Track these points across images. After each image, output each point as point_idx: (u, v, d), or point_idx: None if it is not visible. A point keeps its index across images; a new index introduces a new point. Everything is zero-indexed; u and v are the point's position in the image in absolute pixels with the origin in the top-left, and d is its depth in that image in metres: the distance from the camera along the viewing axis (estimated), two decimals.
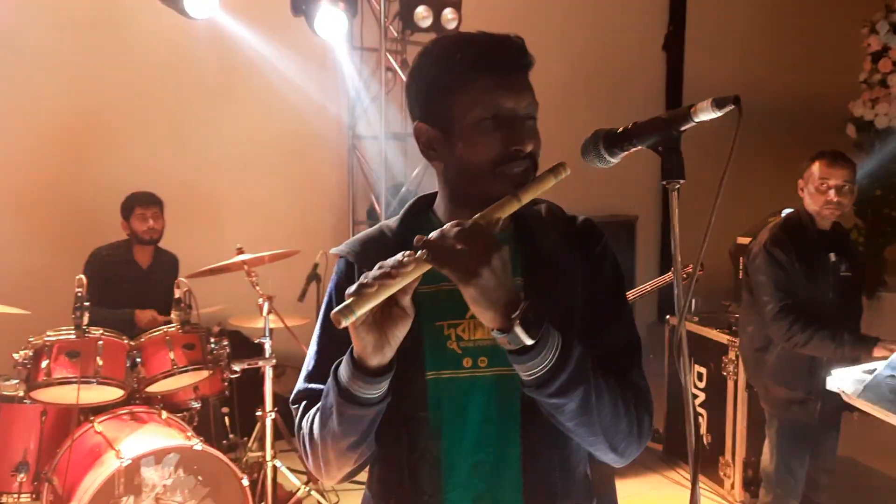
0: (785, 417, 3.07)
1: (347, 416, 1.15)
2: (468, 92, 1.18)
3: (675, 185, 1.09)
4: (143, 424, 3.24)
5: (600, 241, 1.30)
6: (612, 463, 1.25)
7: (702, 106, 1.04)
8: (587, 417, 1.14)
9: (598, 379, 1.15)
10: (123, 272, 4.04)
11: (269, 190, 5.21)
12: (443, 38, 1.26)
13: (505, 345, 1.09)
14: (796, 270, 2.97)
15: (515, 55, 1.20)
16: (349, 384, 1.13)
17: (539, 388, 1.11)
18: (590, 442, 1.20)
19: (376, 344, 1.10)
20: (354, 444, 1.19)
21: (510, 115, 1.19)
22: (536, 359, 1.09)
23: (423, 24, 5.04)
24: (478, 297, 1.06)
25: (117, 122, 4.77)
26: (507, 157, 1.17)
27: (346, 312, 1.02)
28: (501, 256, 1.07)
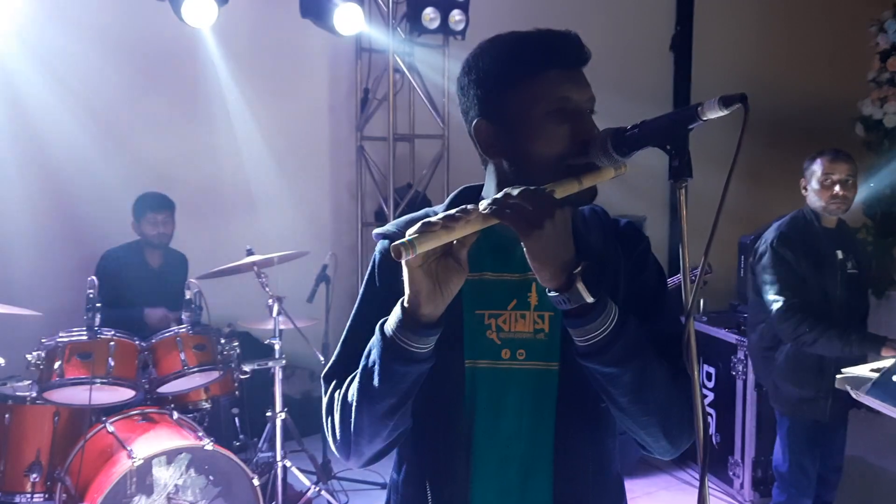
0: (796, 416, 3.07)
1: (391, 373, 1.14)
2: (535, 86, 1.19)
3: (683, 184, 1.09)
4: (154, 425, 3.27)
5: (642, 242, 1.33)
6: (662, 454, 1.24)
7: (709, 104, 1.05)
8: (642, 393, 1.15)
9: (653, 355, 1.15)
10: (134, 273, 4.07)
11: (278, 191, 5.22)
12: (501, 36, 1.25)
13: (563, 305, 1.09)
14: (803, 269, 2.97)
15: (578, 49, 1.22)
16: (397, 336, 1.12)
17: (596, 355, 1.11)
18: (643, 424, 1.19)
19: (431, 292, 1.09)
20: (392, 408, 1.17)
21: (576, 107, 1.20)
22: (596, 321, 1.09)
23: (431, 26, 5.06)
24: (538, 250, 1.07)
25: (128, 124, 4.80)
26: (574, 150, 1.18)
27: (408, 246, 1.02)
28: (564, 215, 1.08)
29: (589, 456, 1.26)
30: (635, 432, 1.22)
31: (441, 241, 1.05)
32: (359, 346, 1.21)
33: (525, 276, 1.26)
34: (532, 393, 1.25)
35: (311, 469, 3.98)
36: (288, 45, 5.08)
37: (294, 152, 5.26)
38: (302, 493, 3.82)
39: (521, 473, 1.25)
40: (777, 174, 4.96)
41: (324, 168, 5.49)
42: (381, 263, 1.31)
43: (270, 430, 3.74)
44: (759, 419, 3.86)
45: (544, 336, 1.25)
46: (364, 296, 1.33)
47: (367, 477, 4.07)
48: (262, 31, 5.03)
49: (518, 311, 1.25)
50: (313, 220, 5.37)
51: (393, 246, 1.03)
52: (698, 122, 1.08)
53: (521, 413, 1.25)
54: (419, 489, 1.27)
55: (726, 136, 1.01)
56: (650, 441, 1.22)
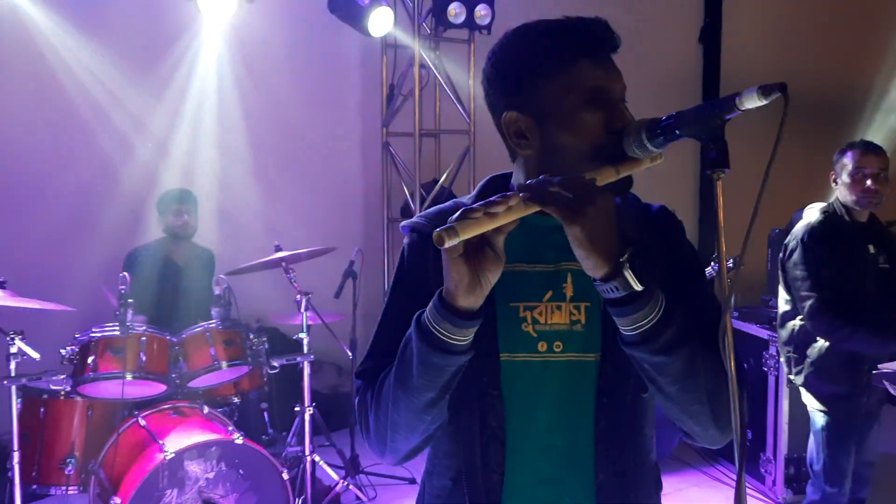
0: (830, 413, 3.02)
1: (429, 366, 1.12)
2: (567, 76, 1.17)
3: (719, 175, 1.07)
4: (185, 419, 3.31)
5: (677, 227, 1.31)
6: (710, 442, 1.23)
7: (747, 94, 1.02)
8: (693, 380, 1.13)
9: (699, 342, 1.13)
10: (161, 270, 4.11)
11: (305, 188, 5.26)
12: (528, 26, 1.23)
13: (609, 293, 1.07)
14: (835, 264, 2.92)
15: (609, 36, 1.20)
16: (435, 327, 1.10)
17: (645, 344, 1.09)
18: (692, 412, 1.17)
19: (470, 282, 1.08)
20: (431, 402, 1.16)
21: (609, 96, 1.18)
22: (644, 309, 1.07)
23: (456, 21, 5.04)
24: (582, 237, 1.05)
25: (158, 123, 4.85)
26: (608, 140, 1.16)
27: (451, 233, 1.01)
28: (607, 201, 1.06)
29: (629, 446, 1.25)
30: (683, 421, 1.20)
31: (483, 228, 1.04)
32: (392, 340, 1.20)
33: (559, 266, 1.25)
34: (570, 385, 1.23)
35: (340, 464, 4.00)
36: (314, 41, 5.10)
37: (320, 149, 5.29)
38: (330, 487, 3.84)
39: (560, 465, 1.24)
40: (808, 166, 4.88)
41: (350, 164, 5.51)
42: (410, 256, 1.30)
43: (299, 425, 3.76)
44: (792, 416, 3.81)
45: (581, 327, 1.24)
46: (394, 290, 1.31)
47: (394, 472, 4.09)
48: (289, 28, 5.06)
49: (554, 303, 1.24)
50: (340, 217, 5.40)
51: (436, 232, 1.01)
52: (736, 112, 1.06)
53: (558, 405, 1.24)
54: (455, 482, 1.26)
55: (749, 124, 0.99)
56: (698, 430, 1.20)
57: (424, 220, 1.30)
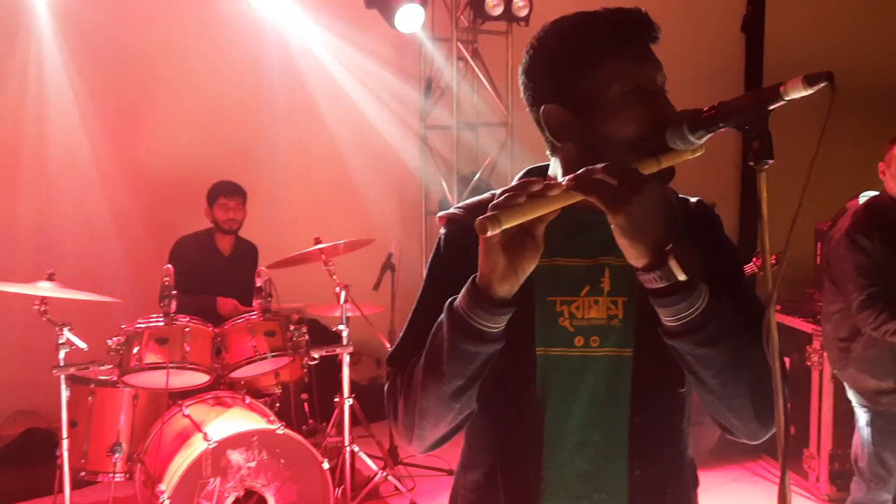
0: (875, 409, 2.96)
1: (460, 352, 1.11)
2: (607, 67, 1.16)
3: (763, 167, 1.05)
4: (228, 408, 3.36)
5: (715, 221, 1.30)
6: (750, 437, 1.21)
7: (792, 83, 1.00)
8: (735, 373, 1.11)
9: (744, 334, 1.12)
10: (207, 260, 4.19)
11: (343, 181, 5.29)
12: (567, 18, 1.22)
13: (653, 283, 1.06)
14: (881, 256, 2.85)
15: (648, 27, 1.19)
16: (468, 313, 1.09)
17: (688, 335, 1.08)
18: (733, 406, 1.15)
19: (506, 269, 1.07)
20: (460, 389, 1.14)
21: (651, 87, 1.17)
22: (689, 299, 1.06)
23: (494, 13, 5.03)
24: (627, 226, 1.03)
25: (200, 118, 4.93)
26: (650, 131, 1.14)
27: (494, 221, 1.00)
28: (653, 190, 1.05)
29: (665, 441, 1.24)
30: (722, 415, 1.18)
31: (525, 216, 1.03)
32: (425, 328, 1.19)
33: (597, 260, 1.24)
34: (607, 380, 1.23)
35: (379, 454, 4.04)
36: (352, 34, 5.13)
37: (359, 141, 5.32)
38: (370, 477, 3.88)
39: (596, 460, 1.24)
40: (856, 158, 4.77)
41: (389, 157, 5.53)
42: (448, 246, 1.30)
43: (338, 416, 3.80)
44: (836, 411, 3.74)
45: (618, 322, 1.22)
46: (429, 278, 1.31)
47: (433, 463, 4.11)
48: (326, 21, 5.09)
49: (591, 297, 1.23)
50: (378, 209, 5.43)
51: (479, 220, 1.01)
52: (780, 101, 1.03)
53: (595, 400, 1.23)
54: (490, 476, 1.26)
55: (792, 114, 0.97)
56: (738, 424, 1.18)
57: (462, 210, 1.30)
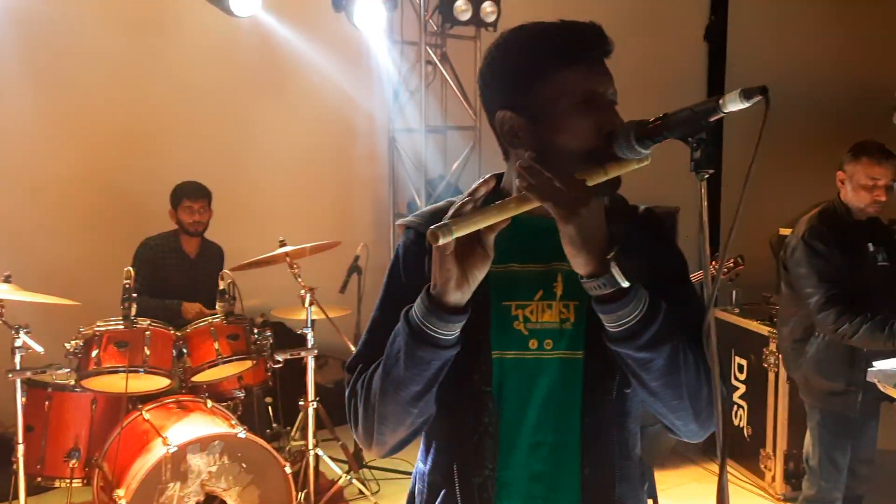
0: (826, 409, 3.04)
1: (416, 359, 1.15)
2: (561, 78, 1.20)
3: (704, 176, 1.09)
4: (189, 413, 3.34)
5: (663, 228, 1.35)
6: (690, 436, 1.25)
7: (730, 97, 1.04)
8: (675, 377, 1.15)
9: (683, 339, 1.16)
10: (172, 262, 4.15)
11: (311, 183, 5.28)
12: (523, 27, 1.26)
13: (596, 290, 1.11)
14: (836, 261, 2.94)
15: (602, 41, 1.23)
16: (423, 322, 1.13)
17: (629, 340, 1.12)
18: (673, 407, 1.19)
19: (458, 278, 1.11)
20: (417, 395, 1.18)
21: (601, 100, 1.21)
22: (629, 306, 1.10)
23: (463, 18, 5.06)
24: (575, 235, 1.08)
25: (165, 117, 4.88)
26: (598, 142, 1.18)
27: (445, 231, 1.04)
28: (599, 201, 1.10)
29: (614, 441, 1.27)
30: (665, 416, 1.23)
31: (478, 225, 1.07)
32: (383, 335, 1.23)
33: (550, 266, 1.27)
34: (559, 382, 1.26)
35: (343, 458, 4.03)
36: (321, 37, 5.12)
37: (327, 144, 5.31)
38: (334, 481, 3.87)
39: (551, 461, 1.27)
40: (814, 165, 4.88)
41: (357, 160, 5.54)
42: (406, 253, 1.33)
43: (303, 419, 3.79)
44: (792, 412, 3.82)
45: (570, 325, 1.26)
46: (388, 285, 1.34)
47: (398, 466, 4.11)
48: (294, 22, 5.07)
49: (545, 302, 1.27)
50: (346, 212, 5.42)
51: (430, 230, 1.04)
52: (719, 114, 1.07)
53: (548, 402, 1.26)
54: (446, 478, 1.29)
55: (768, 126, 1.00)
56: (679, 424, 1.23)
57: (419, 218, 1.33)
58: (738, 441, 4.18)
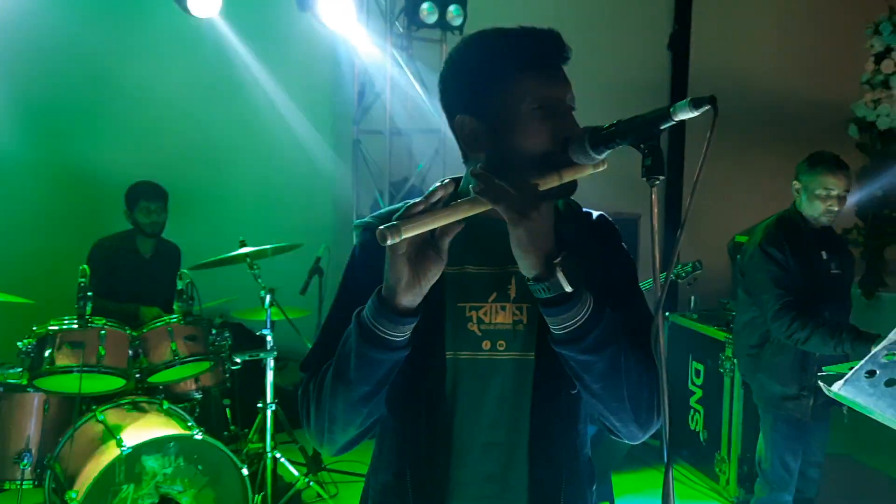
0: (779, 413, 3.10)
1: (366, 360, 1.15)
2: (517, 85, 1.22)
3: (655, 182, 1.11)
4: (144, 414, 3.29)
5: (614, 234, 1.37)
6: (630, 437, 1.27)
7: (680, 106, 1.07)
8: (615, 380, 1.18)
9: (625, 344, 1.19)
10: (127, 262, 4.08)
11: (274, 184, 5.24)
12: (484, 33, 1.28)
13: (541, 293, 1.13)
14: (792, 268, 3.00)
15: (561, 48, 1.25)
16: (374, 323, 1.14)
17: (571, 343, 1.14)
18: (613, 409, 1.22)
19: (410, 280, 1.12)
20: (367, 395, 1.19)
21: (557, 106, 1.23)
22: (573, 310, 1.12)
23: (429, 21, 5.07)
24: (524, 239, 1.10)
25: (124, 114, 4.82)
26: (554, 147, 1.20)
27: (394, 231, 1.04)
28: (549, 206, 1.13)
29: (563, 441, 1.29)
30: (606, 417, 1.25)
31: (427, 227, 1.07)
32: (338, 335, 1.23)
33: (505, 268, 1.29)
34: (512, 382, 1.28)
35: (302, 461, 4.01)
36: (286, 37, 5.09)
37: (290, 144, 5.27)
38: (291, 484, 3.84)
39: (502, 461, 1.28)
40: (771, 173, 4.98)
41: (320, 161, 5.50)
42: (362, 254, 1.33)
43: (261, 422, 3.76)
44: (746, 416, 3.89)
45: (523, 327, 1.28)
46: (343, 286, 1.35)
47: (356, 469, 4.10)
48: (259, 23, 5.04)
49: (498, 303, 1.29)
50: (309, 213, 5.39)
51: (379, 230, 1.05)
52: (670, 122, 1.10)
53: (501, 402, 1.28)
54: (399, 477, 1.29)
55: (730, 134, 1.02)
56: (619, 426, 1.26)
57: (376, 219, 1.33)
58: (694, 445, 4.24)
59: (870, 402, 1.43)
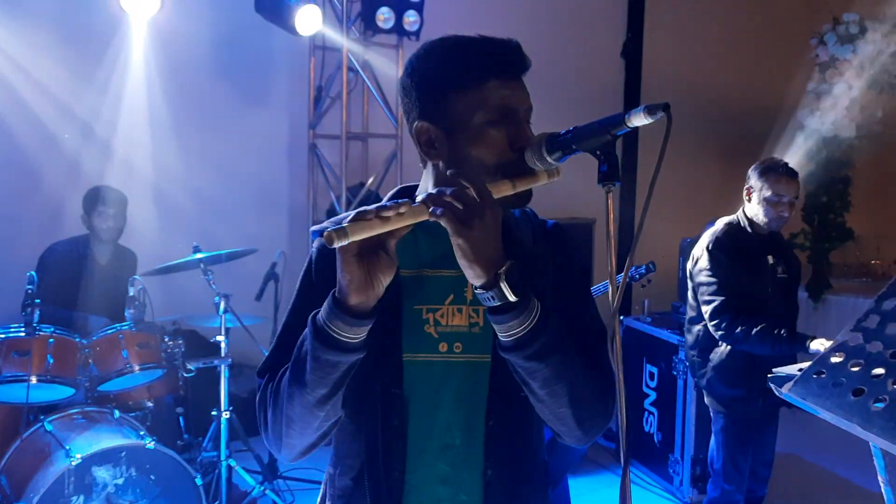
0: (729, 414, 3.17)
1: (322, 362, 1.15)
2: (475, 93, 1.23)
3: (610, 188, 1.13)
4: (94, 424, 3.21)
5: (569, 243, 1.38)
6: (576, 442, 1.29)
7: (634, 112, 1.09)
8: (559, 386, 1.19)
9: (571, 351, 1.20)
10: (80, 269, 3.97)
11: (228, 188, 5.18)
12: (444, 40, 1.28)
13: (488, 301, 1.13)
14: (738, 272, 3.08)
15: (519, 58, 1.27)
16: (328, 325, 1.14)
17: (517, 350, 1.15)
18: (558, 415, 1.23)
19: (361, 282, 1.12)
20: (323, 398, 1.18)
21: (514, 116, 1.25)
22: (519, 318, 1.13)
23: (385, 26, 5.06)
24: (467, 248, 1.11)
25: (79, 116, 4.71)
26: (510, 156, 1.22)
27: (341, 234, 1.05)
28: (494, 215, 1.12)
29: (517, 444, 1.30)
30: (551, 422, 1.27)
31: (374, 231, 1.08)
32: (294, 339, 1.23)
33: (461, 271, 1.29)
34: (467, 384, 1.29)
35: (257, 469, 3.96)
36: (241, 40, 5.04)
37: (245, 149, 5.22)
38: (247, 492, 3.79)
39: (457, 463, 1.29)
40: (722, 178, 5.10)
41: (275, 165, 5.46)
42: (318, 259, 1.34)
43: (215, 430, 3.70)
44: (699, 418, 3.96)
45: (479, 329, 1.29)
46: (300, 291, 1.35)
47: (313, 476, 4.07)
48: (214, 27, 4.98)
49: (455, 306, 1.30)
50: (264, 218, 5.33)
51: (326, 232, 1.05)
52: (625, 128, 1.12)
53: (456, 404, 1.29)
54: (357, 480, 1.29)
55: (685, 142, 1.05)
56: (564, 430, 1.27)
57: (331, 225, 1.33)
58: (649, 447, 4.31)
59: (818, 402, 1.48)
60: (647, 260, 4.08)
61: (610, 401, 1.26)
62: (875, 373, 1.50)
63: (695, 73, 6.52)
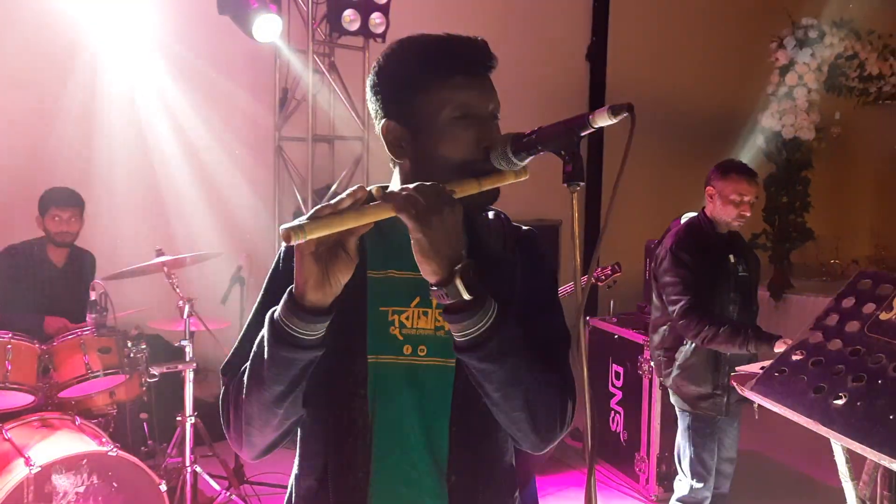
0: (695, 413, 3.21)
1: (279, 359, 1.15)
2: (441, 92, 1.23)
3: (575, 189, 1.14)
4: (55, 431, 3.15)
5: (538, 249, 1.38)
6: (532, 448, 1.28)
7: (599, 113, 1.10)
8: (514, 389, 1.18)
9: (528, 354, 1.19)
10: (36, 272, 3.88)
11: (193, 190, 5.11)
12: (411, 39, 1.28)
13: (442, 299, 1.12)
14: (700, 271, 3.12)
15: (486, 56, 1.26)
16: (284, 321, 1.13)
17: (471, 350, 1.14)
18: (513, 419, 1.22)
19: (319, 279, 1.12)
20: (281, 395, 1.18)
21: (480, 114, 1.24)
22: (473, 318, 1.12)
23: (351, 28, 5.05)
24: (425, 244, 1.10)
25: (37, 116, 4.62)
26: (477, 155, 1.22)
27: (298, 231, 1.04)
28: (454, 213, 1.11)
29: (482, 447, 1.30)
30: (507, 426, 1.26)
31: (332, 228, 1.08)
32: (256, 337, 1.22)
33: None
34: (432, 388, 1.28)
35: (223, 475, 3.91)
36: (205, 41, 4.98)
37: (210, 151, 5.16)
38: (212, 498, 3.74)
39: (420, 466, 1.28)
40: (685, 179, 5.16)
41: (241, 168, 5.40)
42: (286, 257, 1.33)
43: (180, 435, 3.65)
44: (664, 416, 4.00)
45: (444, 334, 1.28)
46: (267, 290, 1.34)
47: (280, 481, 4.02)
48: (178, 27, 4.91)
49: (421, 309, 1.29)
50: (229, 221, 5.27)
51: (284, 230, 1.05)
52: (590, 129, 1.13)
53: (420, 407, 1.28)
54: (321, 482, 1.29)
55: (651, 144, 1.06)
56: (520, 435, 1.26)
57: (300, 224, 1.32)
58: (615, 446, 4.34)
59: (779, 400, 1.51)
60: (612, 261, 4.12)
61: (568, 408, 1.26)
62: (835, 370, 1.53)
63: (660, 75, 6.61)
